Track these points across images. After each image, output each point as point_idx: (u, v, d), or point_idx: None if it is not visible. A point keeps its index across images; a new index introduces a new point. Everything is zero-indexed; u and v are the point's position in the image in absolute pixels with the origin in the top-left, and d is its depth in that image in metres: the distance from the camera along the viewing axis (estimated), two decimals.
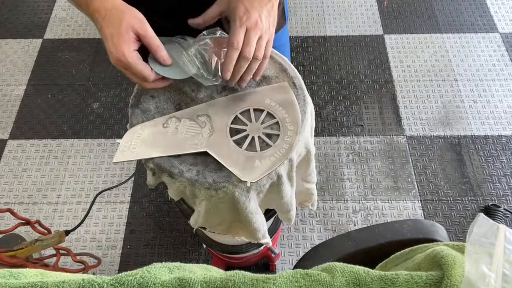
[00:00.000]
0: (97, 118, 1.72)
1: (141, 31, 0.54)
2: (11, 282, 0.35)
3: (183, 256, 1.41)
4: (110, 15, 0.54)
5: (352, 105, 1.73)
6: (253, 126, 0.61)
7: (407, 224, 0.66)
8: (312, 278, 0.37)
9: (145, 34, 0.55)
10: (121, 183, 0.99)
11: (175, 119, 0.62)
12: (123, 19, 0.53)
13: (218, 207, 0.60)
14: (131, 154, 0.57)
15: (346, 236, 0.67)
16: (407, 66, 1.84)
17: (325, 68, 1.84)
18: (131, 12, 0.54)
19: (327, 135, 1.66)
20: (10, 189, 1.55)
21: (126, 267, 1.39)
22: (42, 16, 2.05)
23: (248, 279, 0.37)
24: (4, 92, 1.80)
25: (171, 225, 1.47)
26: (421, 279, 0.35)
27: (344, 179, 1.55)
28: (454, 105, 1.72)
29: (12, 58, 1.90)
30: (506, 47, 1.87)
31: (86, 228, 1.46)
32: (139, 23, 0.54)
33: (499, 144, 1.61)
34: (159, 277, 0.36)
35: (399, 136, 1.65)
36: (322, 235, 1.44)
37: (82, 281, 0.35)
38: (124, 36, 0.53)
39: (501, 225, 0.37)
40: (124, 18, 0.53)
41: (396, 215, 1.47)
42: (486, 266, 0.34)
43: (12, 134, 1.68)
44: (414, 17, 2.00)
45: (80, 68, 1.86)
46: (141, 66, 0.55)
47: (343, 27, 1.98)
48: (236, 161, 0.57)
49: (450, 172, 1.55)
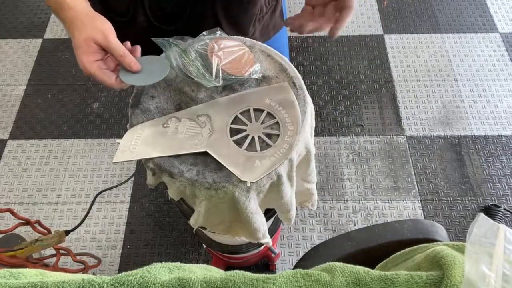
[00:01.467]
0: (97, 118, 1.72)
1: (103, 42, 0.56)
2: (11, 282, 0.35)
3: (183, 256, 1.41)
4: (74, 26, 0.56)
5: (352, 105, 1.73)
6: (253, 126, 0.61)
7: (407, 224, 0.66)
8: (312, 278, 0.37)
9: (107, 45, 0.56)
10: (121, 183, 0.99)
11: (175, 119, 0.62)
12: (83, 31, 0.55)
13: (218, 207, 0.60)
14: (131, 154, 0.58)
15: (346, 236, 0.67)
16: (407, 66, 1.84)
17: (325, 68, 1.84)
18: (93, 23, 0.56)
19: (327, 135, 1.66)
20: (10, 189, 1.55)
21: (126, 267, 1.39)
22: (42, 16, 2.05)
23: (248, 279, 0.37)
24: (4, 92, 1.80)
25: (171, 225, 1.47)
26: (421, 279, 0.35)
27: (344, 179, 1.55)
28: (454, 105, 1.72)
29: (12, 58, 1.90)
30: (506, 47, 1.87)
31: (86, 228, 1.46)
32: (100, 35, 0.55)
33: (499, 144, 1.61)
34: (159, 277, 0.36)
35: (399, 136, 1.65)
36: (322, 235, 1.44)
37: (82, 281, 0.35)
38: (84, 47, 0.55)
39: (501, 225, 0.37)
40: (85, 30, 0.55)
41: (396, 215, 1.47)
42: (486, 266, 0.34)
43: (12, 134, 1.68)
44: (414, 17, 2.00)
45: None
46: (101, 78, 0.58)
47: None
48: (236, 161, 0.57)
49: (450, 172, 1.55)
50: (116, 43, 0.57)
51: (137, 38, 0.64)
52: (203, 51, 0.64)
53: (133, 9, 0.72)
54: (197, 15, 0.74)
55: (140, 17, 0.73)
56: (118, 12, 0.72)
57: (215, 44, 0.65)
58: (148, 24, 0.74)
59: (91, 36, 0.55)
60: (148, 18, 0.74)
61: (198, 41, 0.65)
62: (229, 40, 0.67)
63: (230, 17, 0.75)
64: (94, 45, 0.56)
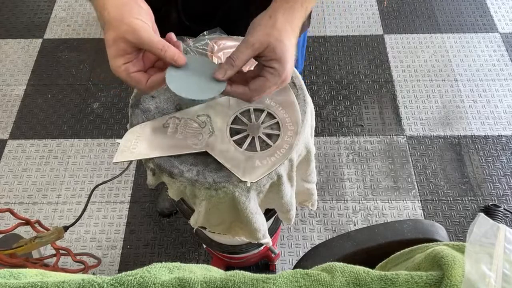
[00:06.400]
0: (97, 118, 1.72)
1: (133, 39, 0.49)
2: (11, 282, 0.35)
3: (183, 256, 1.41)
4: (106, 23, 0.50)
5: (352, 105, 1.73)
6: (253, 126, 0.61)
7: (407, 224, 0.66)
8: (312, 278, 0.37)
9: (139, 42, 0.49)
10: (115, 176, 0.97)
11: (175, 119, 0.62)
12: (111, 29, 0.49)
13: (218, 207, 0.60)
14: (131, 154, 0.57)
15: (346, 236, 0.67)
16: (407, 66, 1.84)
17: (325, 68, 1.84)
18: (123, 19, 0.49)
19: (327, 135, 1.66)
20: (10, 189, 1.54)
21: (126, 267, 1.39)
22: (42, 16, 2.05)
23: (248, 279, 0.37)
24: (4, 92, 1.80)
25: (171, 225, 1.47)
26: (421, 279, 0.35)
27: (344, 179, 1.55)
28: (454, 105, 1.72)
29: (12, 58, 1.90)
30: (506, 47, 1.87)
31: (86, 228, 1.46)
32: (130, 30, 0.48)
33: (499, 144, 1.61)
34: (159, 277, 0.36)
35: (399, 136, 1.65)
36: (322, 235, 1.44)
37: (82, 281, 0.35)
38: (112, 48, 0.49)
39: (501, 225, 0.37)
40: (113, 27, 0.49)
41: (396, 215, 1.47)
42: (486, 266, 0.34)
43: (12, 134, 1.68)
44: (414, 17, 2.00)
45: (80, 68, 1.86)
46: (130, 83, 0.52)
47: (343, 27, 1.98)
48: (236, 161, 0.57)
49: (450, 172, 1.55)
50: (149, 37, 0.49)
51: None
52: (203, 51, 0.63)
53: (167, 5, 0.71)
54: (229, 20, 0.73)
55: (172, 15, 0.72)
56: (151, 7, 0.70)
57: (215, 44, 0.65)
58: (179, 22, 0.73)
59: (119, 33, 0.48)
60: (179, 16, 0.73)
61: (198, 41, 0.65)
62: (229, 40, 0.67)
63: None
64: (123, 44, 0.49)
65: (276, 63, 0.51)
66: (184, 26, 0.73)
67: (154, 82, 0.53)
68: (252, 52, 0.51)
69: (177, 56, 0.51)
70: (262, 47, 0.50)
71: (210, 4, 0.71)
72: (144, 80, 0.52)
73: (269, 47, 0.50)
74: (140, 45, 0.50)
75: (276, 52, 0.51)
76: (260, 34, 0.51)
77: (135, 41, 0.49)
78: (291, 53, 0.52)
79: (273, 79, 0.52)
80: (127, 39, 0.49)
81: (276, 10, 0.53)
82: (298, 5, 0.54)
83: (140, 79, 0.52)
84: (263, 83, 0.52)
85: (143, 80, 0.52)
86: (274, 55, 0.51)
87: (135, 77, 0.51)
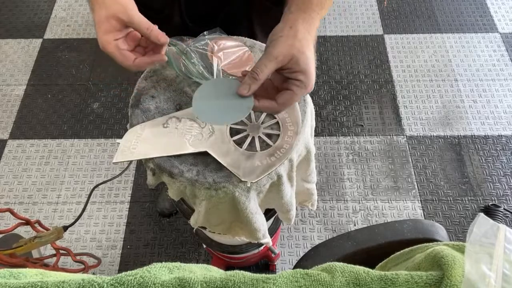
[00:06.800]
0: (97, 118, 1.72)
1: (125, 17, 0.53)
2: (11, 282, 0.35)
3: (183, 256, 1.41)
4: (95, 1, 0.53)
5: (352, 105, 1.73)
6: (253, 126, 0.61)
7: (407, 224, 0.66)
8: (312, 278, 0.37)
9: (130, 20, 0.53)
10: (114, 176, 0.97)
11: (175, 119, 0.62)
12: (103, 7, 0.52)
13: (218, 207, 0.60)
14: (131, 154, 0.57)
15: (346, 236, 0.66)
16: (407, 66, 1.84)
17: (325, 68, 1.84)
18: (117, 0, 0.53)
19: (327, 135, 1.66)
20: (10, 189, 1.54)
21: (126, 267, 1.39)
22: (42, 16, 2.05)
23: (248, 279, 0.37)
24: (4, 92, 1.80)
25: (171, 225, 1.47)
26: (421, 279, 0.35)
27: (344, 179, 1.55)
28: (454, 105, 1.72)
29: (12, 58, 1.90)
30: (506, 47, 1.87)
31: (86, 228, 1.46)
32: (122, 10, 0.52)
33: (499, 144, 1.61)
34: (159, 277, 0.36)
35: (399, 136, 1.65)
36: (322, 235, 1.44)
37: (82, 281, 0.35)
38: (104, 25, 0.53)
39: (501, 225, 0.37)
40: (106, 5, 0.52)
41: (396, 215, 1.47)
42: (486, 266, 0.34)
43: (12, 134, 1.68)
44: (414, 17, 2.00)
45: (80, 68, 1.86)
46: (118, 58, 0.55)
47: (343, 27, 1.98)
48: (236, 161, 0.57)
49: (450, 172, 1.55)
50: (139, 17, 0.54)
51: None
52: (203, 51, 0.63)
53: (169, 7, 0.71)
54: (231, 21, 0.73)
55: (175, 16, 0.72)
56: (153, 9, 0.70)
57: (215, 44, 0.65)
58: (182, 23, 0.74)
59: (112, 12, 0.52)
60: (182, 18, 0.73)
61: (198, 41, 0.65)
62: (229, 40, 0.67)
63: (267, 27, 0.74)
64: (115, 22, 0.53)
65: (301, 75, 0.51)
66: (185, 26, 0.73)
67: (142, 62, 0.57)
68: (275, 65, 0.51)
69: (160, 36, 0.56)
70: (286, 59, 0.50)
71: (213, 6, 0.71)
72: (131, 58, 0.56)
73: (293, 59, 0.50)
74: (130, 24, 0.54)
75: (299, 64, 0.51)
76: (283, 45, 0.51)
77: (126, 19, 0.53)
78: (313, 63, 0.52)
79: (300, 92, 0.52)
80: (119, 17, 0.53)
81: (296, 20, 0.53)
82: (315, 13, 0.55)
83: (129, 56, 0.56)
84: (291, 97, 0.52)
85: (131, 58, 0.56)
86: (298, 67, 0.51)
87: (125, 53, 0.55)
